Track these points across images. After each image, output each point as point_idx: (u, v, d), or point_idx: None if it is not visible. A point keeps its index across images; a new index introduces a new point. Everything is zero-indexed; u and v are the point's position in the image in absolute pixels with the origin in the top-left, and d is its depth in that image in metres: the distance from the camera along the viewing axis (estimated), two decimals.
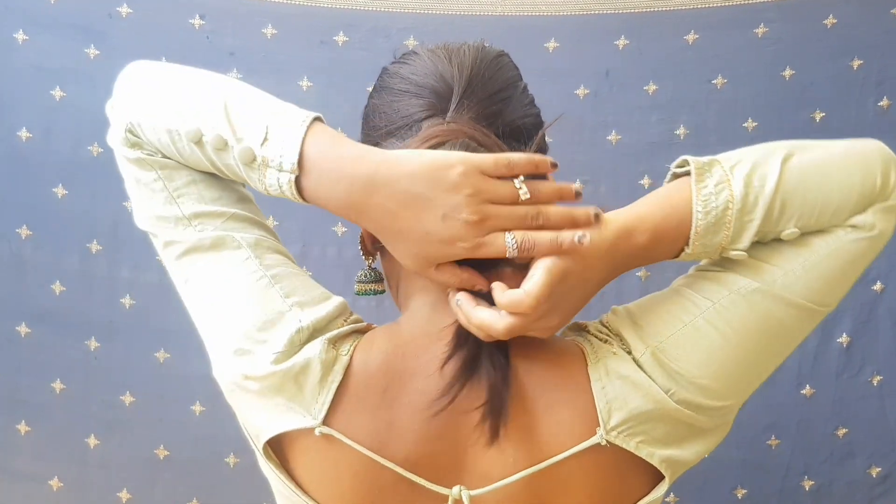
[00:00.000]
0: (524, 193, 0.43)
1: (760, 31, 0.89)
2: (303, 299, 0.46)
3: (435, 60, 0.48)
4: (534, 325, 0.43)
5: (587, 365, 0.46)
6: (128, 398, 0.91)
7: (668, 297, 0.48)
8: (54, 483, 0.91)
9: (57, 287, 0.91)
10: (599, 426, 0.44)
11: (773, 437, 0.90)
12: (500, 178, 0.43)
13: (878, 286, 0.90)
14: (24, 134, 0.90)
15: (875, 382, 0.90)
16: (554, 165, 0.44)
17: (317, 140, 0.43)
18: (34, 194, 0.90)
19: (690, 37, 0.89)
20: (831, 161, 0.45)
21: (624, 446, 0.45)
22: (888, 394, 0.90)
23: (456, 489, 0.44)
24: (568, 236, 0.42)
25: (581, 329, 0.50)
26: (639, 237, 0.44)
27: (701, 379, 0.45)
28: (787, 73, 0.89)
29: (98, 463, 0.91)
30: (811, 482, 0.90)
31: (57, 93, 0.90)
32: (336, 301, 0.47)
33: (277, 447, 0.47)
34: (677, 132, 0.90)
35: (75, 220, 0.90)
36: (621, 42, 0.89)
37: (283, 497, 0.48)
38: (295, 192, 0.44)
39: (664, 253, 0.46)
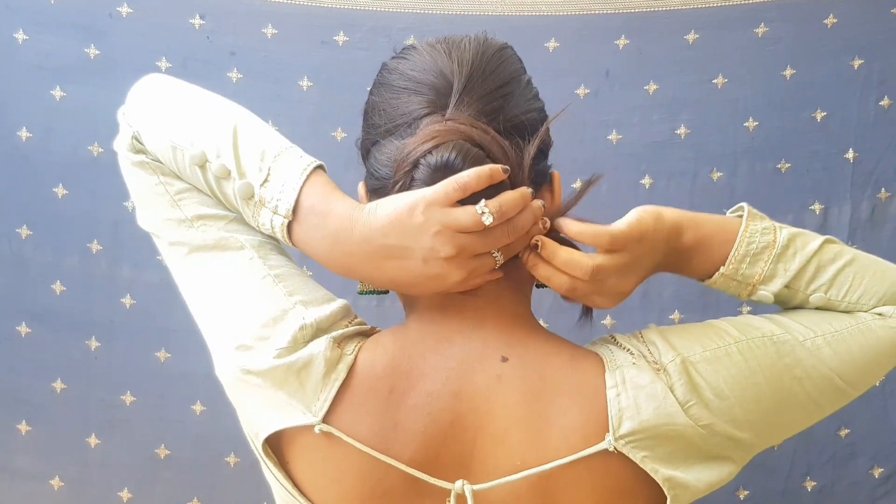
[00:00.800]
0: (486, 218, 0.42)
1: (761, 30, 0.88)
2: (306, 298, 0.46)
3: (434, 55, 0.47)
4: (604, 288, 0.45)
5: (605, 371, 0.46)
6: (128, 397, 0.90)
7: (704, 326, 0.49)
8: (55, 482, 0.90)
9: (57, 287, 0.90)
10: (609, 432, 0.44)
11: None
12: (461, 202, 0.42)
13: None
14: (24, 133, 0.89)
15: (877, 383, 0.89)
16: (505, 171, 0.43)
17: (312, 191, 0.44)
18: (34, 194, 0.89)
19: (691, 36, 0.88)
20: (867, 257, 0.50)
21: (630, 457, 0.44)
22: (891, 394, 0.88)
23: (458, 483, 0.44)
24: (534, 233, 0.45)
25: (607, 341, 0.49)
26: (686, 237, 0.47)
27: (721, 399, 0.45)
28: (788, 72, 0.88)
29: (99, 462, 0.90)
30: (813, 483, 0.89)
31: (57, 92, 0.89)
32: (340, 303, 0.47)
33: (277, 447, 0.46)
34: (678, 132, 0.89)
35: (76, 220, 0.89)
36: (621, 42, 0.88)
37: (282, 500, 0.47)
38: (285, 235, 0.45)
39: (700, 264, 0.49)
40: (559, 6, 0.88)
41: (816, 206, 0.89)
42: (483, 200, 0.42)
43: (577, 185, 0.90)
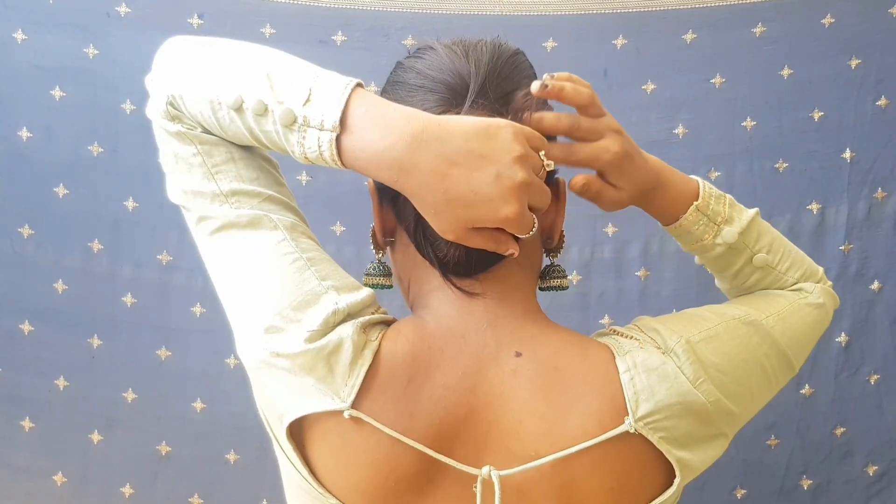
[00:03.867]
0: (549, 165, 0.43)
1: (759, 30, 0.86)
2: (338, 284, 0.44)
3: (451, 56, 0.45)
4: (606, 192, 0.47)
5: (614, 357, 0.46)
6: (130, 395, 0.88)
7: (684, 314, 0.50)
8: (58, 478, 0.89)
9: (59, 285, 0.88)
10: (629, 415, 0.44)
11: (772, 437, 0.87)
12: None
13: (875, 286, 0.87)
14: (24, 134, 0.87)
15: (873, 381, 0.87)
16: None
17: (361, 100, 0.41)
18: (35, 194, 0.87)
19: (689, 36, 0.86)
20: (782, 236, 0.55)
21: (648, 437, 0.44)
22: (885, 392, 0.86)
23: (485, 469, 0.43)
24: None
25: (607, 333, 0.49)
26: (657, 163, 0.50)
27: (723, 375, 0.46)
28: (786, 72, 0.86)
29: (101, 459, 0.88)
30: (810, 481, 0.87)
31: (57, 92, 0.87)
32: (368, 291, 0.45)
33: (297, 431, 0.45)
34: (676, 131, 0.87)
35: (76, 220, 0.87)
36: (619, 41, 0.86)
37: (295, 485, 0.45)
38: (335, 152, 0.41)
39: (671, 200, 0.50)
40: (557, 6, 0.86)
41: (814, 206, 0.87)
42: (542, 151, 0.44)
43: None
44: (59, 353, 0.88)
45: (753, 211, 0.52)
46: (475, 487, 0.43)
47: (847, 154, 0.86)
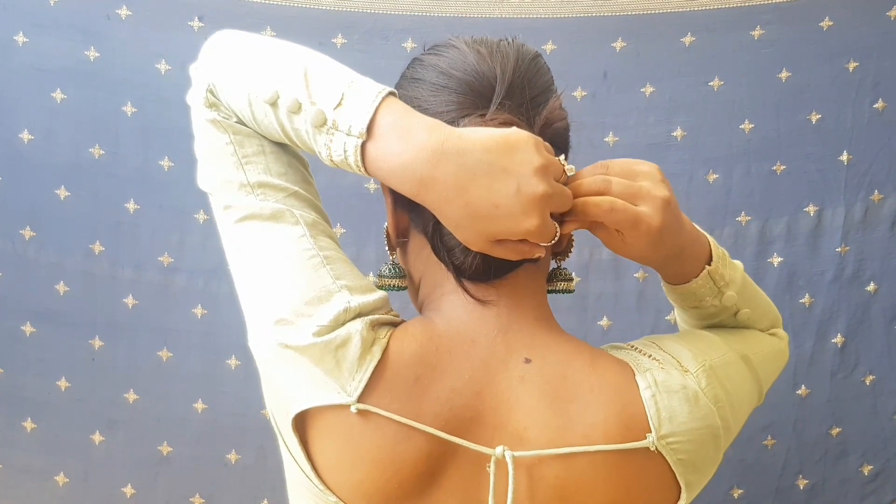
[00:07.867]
0: (570, 170, 0.44)
1: (757, 33, 0.86)
2: (351, 284, 0.44)
3: (476, 57, 0.45)
4: (651, 250, 0.45)
5: (634, 374, 0.46)
6: (131, 396, 0.88)
7: (697, 335, 0.50)
8: (60, 479, 0.89)
9: (60, 287, 0.88)
10: (651, 432, 0.44)
11: (769, 437, 0.88)
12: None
13: (871, 287, 0.88)
14: (25, 136, 0.87)
15: (868, 382, 0.87)
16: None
17: (389, 109, 0.41)
18: (37, 196, 0.87)
19: (687, 39, 0.86)
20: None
21: (667, 458, 0.44)
22: (880, 393, 0.87)
23: (499, 449, 0.43)
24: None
25: (622, 347, 0.49)
26: (686, 225, 0.48)
27: (737, 399, 0.47)
28: (784, 74, 0.86)
29: (103, 459, 0.89)
30: (806, 481, 0.87)
31: (58, 95, 0.87)
32: (381, 294, 0.46)
33: (301, 426, 0.45)
34: (674, 133, 0.87)
35: (78, 222, 0.87)
36: (618, 44, 0.87)
37: (297, 483, 0.46)
38: (359, 158, 0.41)
39: (691, 259, 0.49)
40: (556, 9, 0.86)
41: (811, 208, 0.87)
42: (563, 155, 0.44)
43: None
44: (60, 354, 0.88)
45: (741, 268, 0.52)
46: (489, 467, 0.43)
47: (844, 156, 0.87)
